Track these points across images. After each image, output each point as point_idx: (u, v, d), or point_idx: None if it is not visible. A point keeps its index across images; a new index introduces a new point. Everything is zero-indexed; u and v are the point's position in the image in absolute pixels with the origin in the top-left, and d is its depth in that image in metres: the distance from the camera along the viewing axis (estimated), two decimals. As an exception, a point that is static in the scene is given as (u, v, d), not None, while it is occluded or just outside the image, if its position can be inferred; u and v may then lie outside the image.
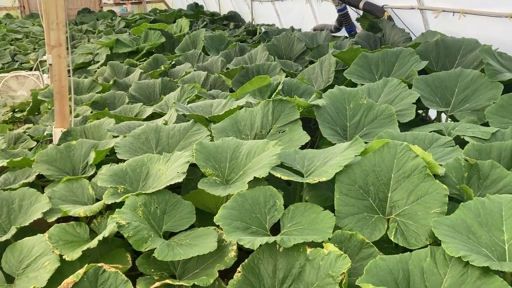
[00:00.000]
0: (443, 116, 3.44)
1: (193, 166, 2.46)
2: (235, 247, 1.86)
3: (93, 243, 1.97)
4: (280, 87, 3.36)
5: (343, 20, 6.31)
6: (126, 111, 3.82)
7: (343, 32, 6.59)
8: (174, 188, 2.43)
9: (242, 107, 2.96)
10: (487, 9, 4.22)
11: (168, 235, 2.08)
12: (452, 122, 3.18)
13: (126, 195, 2.09)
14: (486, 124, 3.00)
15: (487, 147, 2.47)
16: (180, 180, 2.15)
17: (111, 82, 4.98)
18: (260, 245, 1.73)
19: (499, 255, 1.68)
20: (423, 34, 4.72)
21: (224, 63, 5.08)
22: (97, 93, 4.80)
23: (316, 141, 3.33)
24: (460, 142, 2.62)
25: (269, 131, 2.79)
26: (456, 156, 2.27)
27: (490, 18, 4.20)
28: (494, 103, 3.11)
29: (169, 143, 2.72)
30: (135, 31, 7.82)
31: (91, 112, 4.11)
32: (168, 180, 2.16)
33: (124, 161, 2.51)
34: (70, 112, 3.62)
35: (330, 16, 6.81)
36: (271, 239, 1.75)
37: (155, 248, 1.82)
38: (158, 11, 13.16)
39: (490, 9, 4.18)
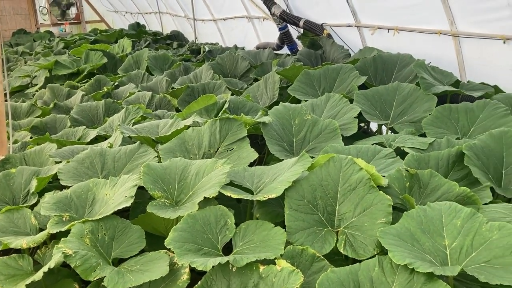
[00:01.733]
0: (384, 128, 3.58)
1: (141, 189, 2.42)
2: (187, 270, 1.84)
3: (38, 275, 1.88)
4: (226, 105, 3.39)
5: (285, 38, 6.46)
6: (68, 135, 3.70)
7: (285, 50, 6.75)
8: (122, 213, 2.37)
9: (189, 126, 2.96)
10: (419, 26, 4.48)
11: (118, 262, 2.02)
12: (392, 134, 3.33)
13: (72, 223, 2.01)
14: (423, 135, 3.16)
15: (426, 157, 2.60)
16: (128, 204, 2.10)
17: (51, 106, 4.81)
18: (213, 266, 1.72)
19: (442, 260, 1.77)
20: (361, 50, 4.93)
21: (169, 82, 5.05)
22: (36, 117, 4.61)
23: (264, 157, 3.37)
24: (400, 153, 2.74)
25: (218, 150, 2.80)
26: (397, 167, 2.37)
27: (422, 34, 4.46)
28: (429, 114, 3.29)
29: (115, 166, 2.66)
30: (75, 52, 7.62)
31: (31, 137, 3.94)
32: (115, 205, 2.11)
33: (68, 187, 2.43)
34: (8, 138, 3.46)
35: (272, 34, 6.96)
36: (224, 259, 1.75)
37: (105, 276, 1.76)
38: (98, 31, 12.90)
39: (421, 26, 4.44)
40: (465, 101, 3.48)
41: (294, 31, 6.45)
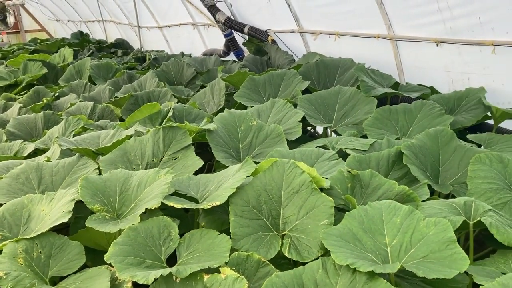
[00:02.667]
0: (328, 131, 3.65)
1: (81, 203, 2.33)
2: (130, 284, 1.78)
3: (-33, 301, 1.76)
4: (170, 113, 3.34)
5: (231, 44, 6.47)
6: (3, 150, 3.52)
7: (232, 56, 6.76)
8: (62, 229, 2.27)
9: (131, 136, 2.88)
10: (358, 30, 4.61)
11: (58, 280, 1.93)
12: (336, 136, 3.39)
13: (4, 242, 1.91)
14: (365, 136, 3.24)
15: (367, 157, 2.67)
16: (65, 220, 2.02)
17: (-15, 119, 4.56)
18: (155, 279, 1.68)
19: (383, 258, 1.81)
20: (304, 55, 5.01)
21: (112, 91, 4.92)
22: (-31, 132, 4.35)
23: (213, 165, 3.35)
24: (344, 155, 2.80)
25: (161, 159, 2.75)
26: (339, 168, 2.41)
27: (362, 38, 4.59)
28: (370, 116, 3.38)
29: (53, 181, 2.55)
30: (12, 63, 7.28)
31: (-38, 153, 3.72)
32: (52, 221, 2.02)
33: (1, 205, 2.30)
34: None
35: (218, 40, 6.95)
36: (166, 270, 1.71)
37: (41, 297, 1.68)
38: (39, 41, 12.40)
39: (361, 31, 4.58)
40: (403, 102, 3.61)
41: (240, 38, 6.48)
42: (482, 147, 2.99)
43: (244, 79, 4.07)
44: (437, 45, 3.84)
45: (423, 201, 2.30)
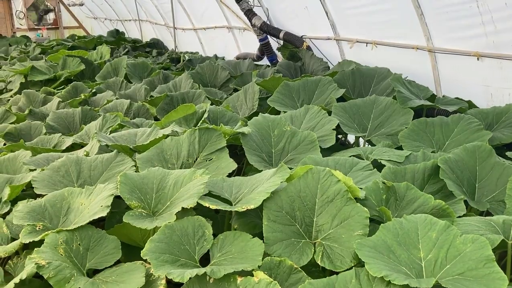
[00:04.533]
0: (361, 140, 3.63)
1: (118, 199, 2.38)
2: (164, 281, 1.82)
3: (9, 286, 1.83)
4: (205, 115, 3.38)
5: (265, 49, 6.51)
6: (43, 143, 3.63)
7: (265, 61, 6.79)
8: (98, 223, 2.33)
9: (167, 136, 2.93)
10: (396, 41, 4.57)
11: (93, 273, 1.98)
12: (370, 146, 3.37)
13: (46, 232, 1.97)
14: (400, 148, 3.21)
15: (402, 169, 2.64)
16: (104, 214, 2.07)
17: (26, 112, 4.71)
18: (190, 278, 1.70)
19: (417, 272, 1.79)
20: (339, 63, 4.99)
21: (148, 90, 5.01)
22: (10, 123, 4.51)
23: (243, 168, 3.37)
24: (378, 165, 2.78)
25: (196, 160, 2.79)
26: (374, 179, 2.40)
27: (400, 48, 4.55)
28: (406, 128, 3.34)
29: (91, 175, 2.62)
30: (52, 58, 7.50)
31: (4, 144, 3.85)
32: (91, 215, 2.07)
33: (42, 196, 2.38)
34: (-20, 145, 3.37)
35: (252, 44, 7.00)
36: (201, 270, 1.73)
37: (79, 287, 1.73)
38: (76, 37, 12.74)
39: (399, 41, 4.53)
40: (440, 115, 3.56)
41: (274, 43, 6.50)
42: (521, 165, 2.91)
43: (278, 84, 4.08)
44: (477, 58, 3.77)
45: (459, 217, 2.26)
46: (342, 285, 1.70)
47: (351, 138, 4.15)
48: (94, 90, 5.50)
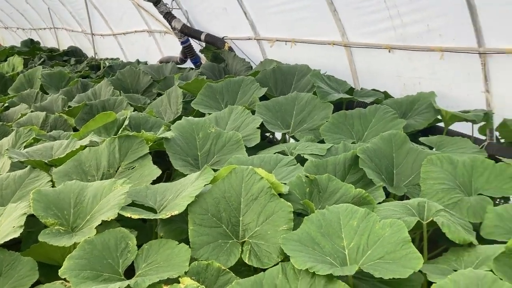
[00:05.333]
0: (288, 137, 3.69)
1: (34, 217, 2.24)
2: (86, 299, 1.73)
3: None
4: (126, 122, 3.28)
5: (187, 52, 6.44)
6: (-52, 164, 3.34)
7: (189, 64, 6.72)
8: (14, 245, 2.18)
9: (86, 146, 2.81)
10: (314, 37, 4.69)
11: (9, 299, 1.85)
12: (294, 142, 3.43)
13: (-50, 262, 1.81)
14: (322, 141, 3.29)
15: (324, 162, 2.71)
16: (16, 235, 1.93)
17: None
18: (113, 292, 1.64)
19: (341, 261, 1.84)
20: (261, 62, 5.05)
21: (66, 101, 4.78)
22: None
23: (172, 174, 3.30)
24: (301, 160, 2.83)
25: (118, 170, 2.69)
26: (298, 173, 2.44)
27: (318, 45, 4.68)
28: (327, 121, 3.44)
29: (3, 194, 2.45)
30: (-43, 73, 6.95)
31: None
32: (2, 237, 1.93)
33: None
34: None
35: (175, 48, 6.90)
36: (124, 283, 1.67)
37: (-9, 317, 1.60)
38: (-14, 49, 11.89)
39: (316, 38, 4.66)
40: (359, 107, 3.70)
41: (197, 45, 6.45)
42: (433, 149, 3.09)
43: (202, 87, 4.05)
44: (389, 51, 3.96)
45: (379, 203, 2.36)
46: (270, 281, 1.71)
47: (279, 135, 4.21)
48: (6, 104, 5.16)
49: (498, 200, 2.51)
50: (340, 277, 1.69)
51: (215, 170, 2.36)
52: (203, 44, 6.10)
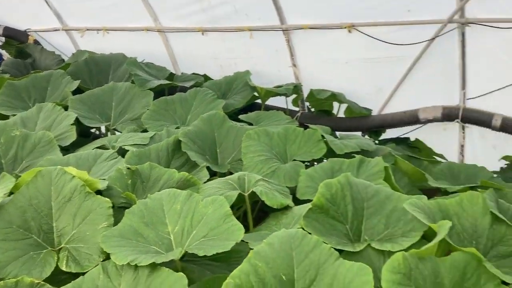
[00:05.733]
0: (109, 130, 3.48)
1: None
2: None
3: None
4: None
5: (-15, 49, 5.66)
6: None
7: (-10, 62, 5.91)
8: None
9: None
10: (126, 24, 4.50)
11: None
12: (116, 134, 3.26)
13: None
14: (145, 131, 3.19)
15: (146, 151, 2.62)
16: None
17: None
18: None
19: (167, 247, 1.79)
20: (73, 54, 4.69)
21: None
22: None
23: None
24: (124, 152, 2.69)
25: None
26: (117, 166, 2.31)
27: (132, 32, 4.51)
28: (148, 109, 3.34)
29: None
30: None
31: None
32: None
33: None
34: None
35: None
36: None
37: None
38: None
39: (129, 24, 4.48)
40: (180, 92, 3.68)
41: (-4, 41, 5.70)
42: (253, 125, 3.23)
43: (2, 85, 3.59)
44: (202, 33, 4.00)
45: (205, 183, 2.37)
46: (90, 284, 1.59)
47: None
48: None
49: (309, 162, 2.73)
50: (167, 264, 1.64)
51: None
52: (3, 39, 5.42)
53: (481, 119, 3.11)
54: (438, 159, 3.17)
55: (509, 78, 2.88)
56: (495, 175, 2.74)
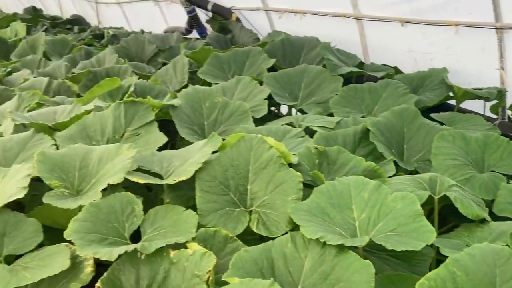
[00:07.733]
0: (294, 110, 3.62)
1: (39, 181, 2.20)
2: (91, 262, 1.70)
3: None
4: (132, 89, 3.21)
5: (193, 22, 6.31)
6: (-49, 126, 3.29)
7: (194, 34, 6.60)
8: (19, 209, 2.14)
9: (90, 111, 2.75)
10: (324, 9, 4.57)
11: (14, 259, 1.82)
12: (302, 114, 3.37)
13: (-47, 220, 1.78)
14: (331, 115, 3.23)
15: (333, 134, 2.66)
16: (21, 195, 1.89)
17: None
18: (119, 255, 1.60)
19: (352, 232, 1.80)
20: (269, 34, 4.94)
21: (69, 67, 4.69)
22: None
23: (176, 143, 3.25)
24: (310, 132, 2.77)
25: (123, 135, 2.64)
26: (306, 144, 2.39)
27: (328, 17, 4.57)
28: (336, 95, 3.37)
29: (6, 156, 2.40)
30: (-41, 37, 6.84)
31: None
32: (6, 198, 1.89)
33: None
34: None
35: (180, 18, 6.76)
36: (131, 247, 1.64)
37: (-5, 277, 1.58)
38: (-12, 15, 11.71)
39: (326, 9, 4.54)
40: (369, 81, 3.62)
41: (203, 15, 6.32)
42: (444, 125, 3.03)
43: (208, 56, 3.97)
44: (402, 25, 3.86)
45: (389, 177, 2.31)
46: (279, 250, 1.67)
47: (284, 110, 4.15)
48: (9, 69, 5.07)
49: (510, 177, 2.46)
50: (350, 248, 1.65)
51: (223, 139, 2.31)
52: (210, 14, 5.97)
53: None
54: None
55: None
56: None
